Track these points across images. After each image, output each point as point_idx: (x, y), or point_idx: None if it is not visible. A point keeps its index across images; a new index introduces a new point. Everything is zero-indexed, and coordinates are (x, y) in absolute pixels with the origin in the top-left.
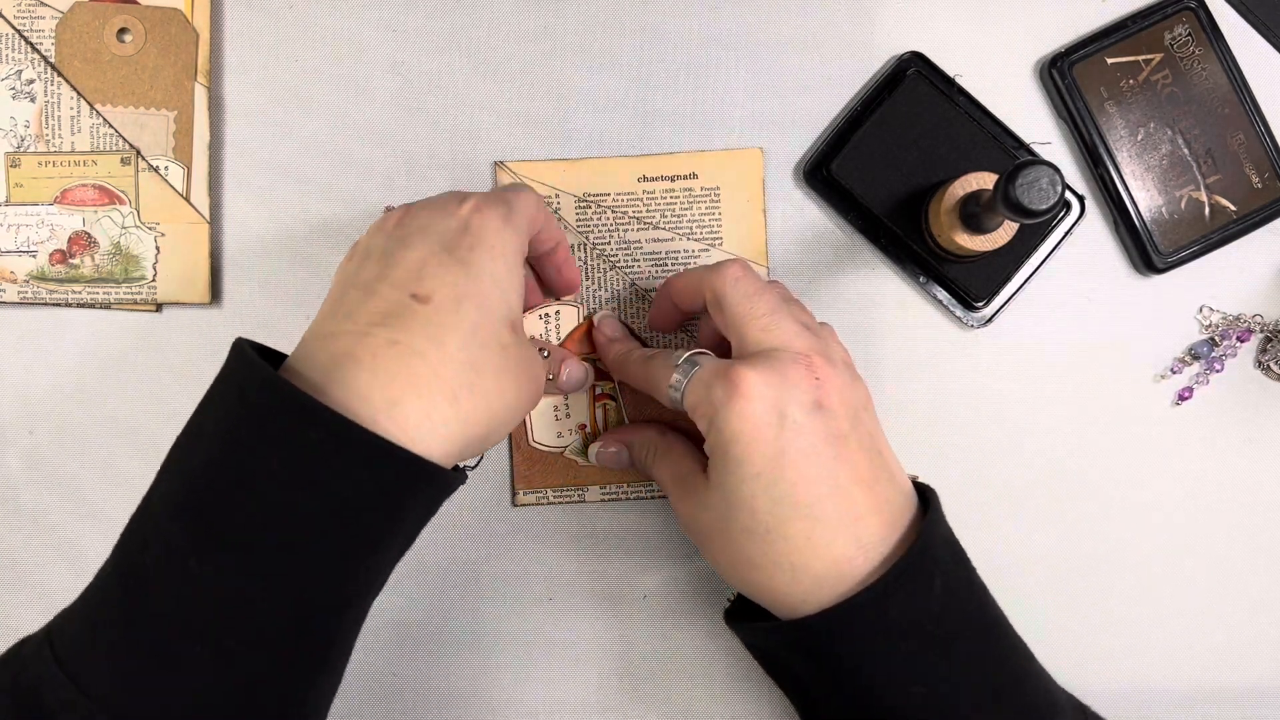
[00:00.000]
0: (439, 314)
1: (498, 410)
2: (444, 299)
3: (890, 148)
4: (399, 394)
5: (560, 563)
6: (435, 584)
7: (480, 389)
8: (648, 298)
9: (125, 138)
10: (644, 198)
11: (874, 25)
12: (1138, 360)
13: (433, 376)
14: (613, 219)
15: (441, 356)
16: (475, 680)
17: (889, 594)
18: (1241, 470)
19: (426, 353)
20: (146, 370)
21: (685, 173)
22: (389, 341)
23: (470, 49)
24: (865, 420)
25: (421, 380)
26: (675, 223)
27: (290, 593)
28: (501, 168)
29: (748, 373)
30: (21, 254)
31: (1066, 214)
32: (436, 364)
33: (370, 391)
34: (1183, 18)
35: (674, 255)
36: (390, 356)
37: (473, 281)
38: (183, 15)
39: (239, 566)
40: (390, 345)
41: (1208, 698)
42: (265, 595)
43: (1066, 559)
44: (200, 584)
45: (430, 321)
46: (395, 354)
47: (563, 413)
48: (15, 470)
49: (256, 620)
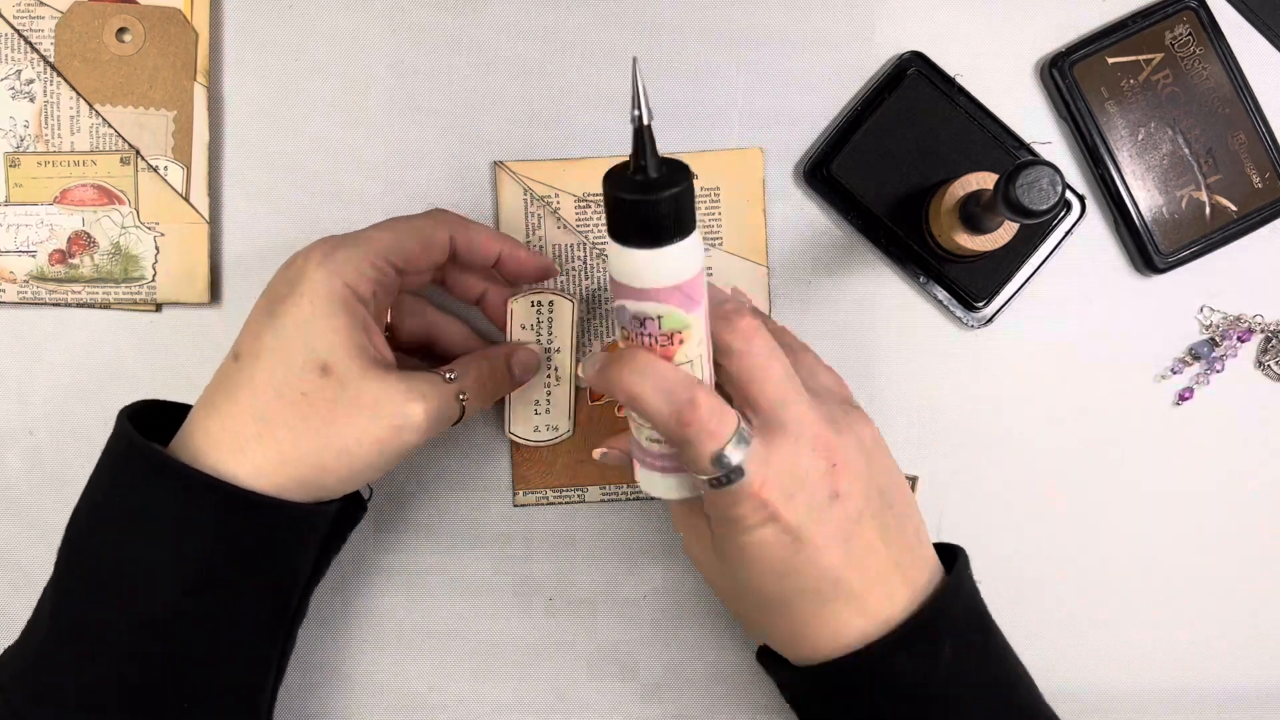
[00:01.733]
0: (240, 370)
1: (313, 451)
2: (247, 355)
3: (890, 148)
4: (204, 446)
5: (561, 563)
6: (435, 584)
7: (271, 437)
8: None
9: (125, 138)
10: None
11: (874, 25)
12: (1138, 360)
13: (221, 430)
14: None
15: (232, 410)
16: (476, 680)
17: (890, 655)
18: (1242, 470)
19: (220, 407)
20: (146, 370)
21: None
22: (206, 400)
23: (470, 49)
24: (886, 497)
25: (213, 433)
26: None
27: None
28: (501, 168)
29: (762, 474)
30: (21, 254)
31: (1067, 214)
32: (226, 417)
33: (189, 441)
34: (1183, 17)
35: None
36: (202, 413)
37: (273, 334)
38: (182, 15)
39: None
40: (204, 404)
41: (1207, 697)
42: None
43: (1066, 558)
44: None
45: (230, 378)
46: (203, 410)
47: (543, 408)
48: (15, 470)
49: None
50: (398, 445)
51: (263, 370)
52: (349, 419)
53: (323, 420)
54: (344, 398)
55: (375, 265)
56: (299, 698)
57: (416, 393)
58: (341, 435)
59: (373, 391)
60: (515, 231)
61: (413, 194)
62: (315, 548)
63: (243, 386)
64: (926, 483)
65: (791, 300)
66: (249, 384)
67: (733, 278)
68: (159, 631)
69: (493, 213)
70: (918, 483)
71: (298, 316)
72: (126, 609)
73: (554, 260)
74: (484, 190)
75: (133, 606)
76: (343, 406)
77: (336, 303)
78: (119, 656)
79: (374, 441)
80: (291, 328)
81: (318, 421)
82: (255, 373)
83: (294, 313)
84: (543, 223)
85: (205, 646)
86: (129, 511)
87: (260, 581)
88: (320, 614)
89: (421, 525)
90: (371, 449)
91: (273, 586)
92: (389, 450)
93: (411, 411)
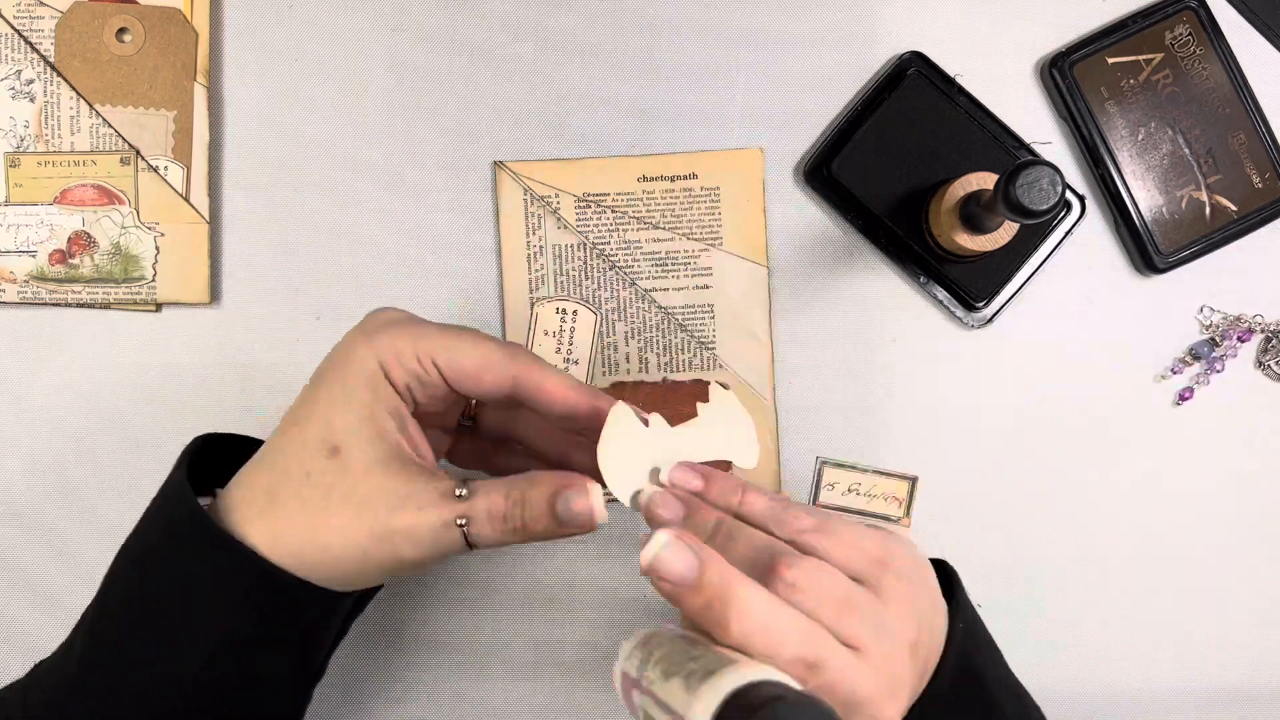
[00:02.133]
0: (271, 440)
1: (297, 540)
2: (282, 424)
3: (890, 148)
4: (229, 507)
5: (564, 563)
6: (435, 584)
7: (273, 515)
8: (648, 298)
9: (125, 138)
10: (644, 197)
11: (874, 25)
12: (1138, 360)
13: (240, 499)
14: (612, 219)
15: (253, 481)
16: (477, 679)
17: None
18: (1242, 471)
19: (246, 475)
20: (146, 370)
21: (685, 173)
22: (248, 464)
23: (470, 49)
24: (912, 639)
25: (235, 499)
26: (675, 223)
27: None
28: (501, 168)
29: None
30: (21, 254)
31: (1067, 214)
32: (246, 488)
33: (225, 499)
34: (1183, 17)
35: (674, 255)
36: (239, 477)
37: (304, 405)
38: (182, 15)
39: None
40: (245, 467)
41: (1207, 697)
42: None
43: (1066, 558)
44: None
45: (263, 450)
46: (242, 473)
47: None
48: (15, 470)
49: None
50: (383, 556)
51: (283, 443)
52: (337, 511)
53: (316, 508)
54: (340, 486)
55: (419, 360)
56: None
57: (413, 502)
58: (325, 528)
59: (369, 486)
60: (515, 232)
61: (412, 193)
62: (338, 623)
63: (265, 457)
64: (926, 483)
65: (791, 300)
66: (270, 455)
67: (733, 277)
68: (188, 692)
69: (493, 213)
70: (917, 483)
71: (330, 391)
72: (155, 667)
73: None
74: (484, 190)
75: (163, 667)
76: (336, 496)
77: (365, 383)
78: (144, 715)
79: (355, 544)
80: (323, 402)
81: (311, 509)
82: (273, 445)
83: (326, 387)
84: (543, 223)
85: (232, 709)
86: (170, 565)
87: (288, 651)
88: None
89: None
90: (354, 552)
91: (301, 654)
92: (374, 558)
93: (396, 523)
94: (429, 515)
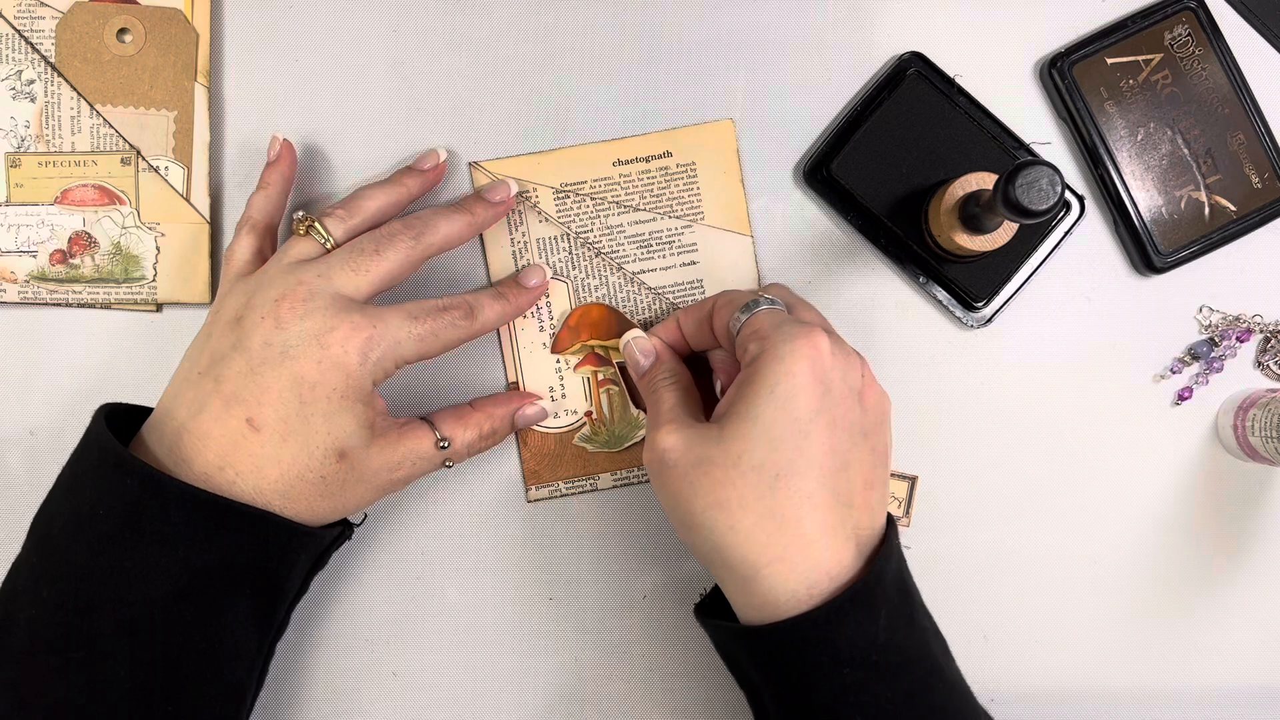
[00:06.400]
0: (264, 446)
1: (319, 515)
2: (272, 433)
3: (890, 148)
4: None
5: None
6: (436, 585)
7: (292, 510)
8: (636, 281)
9: (125, 138)
10: (621, 181)
11: (874, 25)
12: (1138, 360)
13: (252, 492)
14: (592, 206)
15: (258, 483)
16: (477, 680)
17: (837, 619)
18: (1241, 471)
19: (246, 474)
20: (146, 370)
21: (659, 152)
22: (218, 466)
23: (471, 50)
24: (884, 433)
25: (236, 493)
26: (655, 202)
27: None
28: (476, 168)
29: (823, 332)
30: (22, 254)
31: (1066, 214)
32: (251, 488)
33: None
34: (1183, 18)
35: (657, 235)
36: (220, 478)
37: (302, 420)
38: (183, 15)
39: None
40: (219, 470)
41: (1207, 697)
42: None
43: (1064, 558)
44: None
45: (254, 453)
46: (223, 478)
47: (558, 393)
48: (15, 471)
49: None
50: (379, 498)
51: (289, 453)
52: (354, 490)
53: (335, 496)
54: (353, 477)
55: (396, 365)
56: (301, 696)
57: (408, 460)
58: (345, 503)
59: (373, 464)
60: (498, 230)
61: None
62: (306, 565)
63: (270, 464)
64: (926, 482)
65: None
66: (276, 463)
67: (719, 250)
68: (150, 637)
69: None
70: (917, 482)
71: (328, 409)
72: (117, 615)
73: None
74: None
75: (124, 612)
76: (351, 482)
77: (361, 399)
78: (111, 664)
79: (364, 503)
80: (317, 418)
81: (331, 498)
82: (282, 455)
83: (324, 406)
84: (524, 218)
85: (194, 653)
86: (121, 521)
87: (251, 591)
88: (324, 617)
89: (427, 529)
90: (363, 503)
91: (263, 598)
92: (372, 501)
93: (397, 477)
94: (423, 466)
